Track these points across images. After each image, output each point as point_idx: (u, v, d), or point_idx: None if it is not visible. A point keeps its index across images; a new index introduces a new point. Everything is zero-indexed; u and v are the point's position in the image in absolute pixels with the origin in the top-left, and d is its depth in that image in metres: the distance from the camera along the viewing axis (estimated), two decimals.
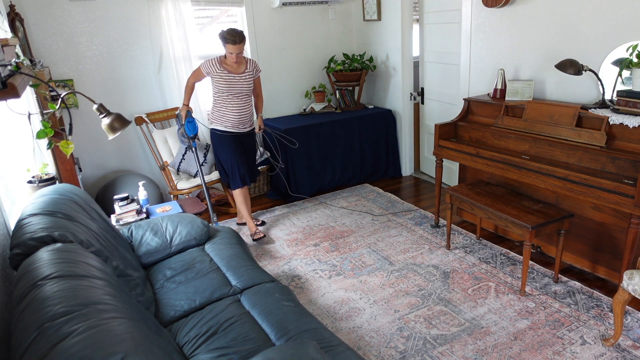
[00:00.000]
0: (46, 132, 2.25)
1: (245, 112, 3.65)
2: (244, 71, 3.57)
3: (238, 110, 3.60)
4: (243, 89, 3.57)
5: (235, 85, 3.54)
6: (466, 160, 3.37)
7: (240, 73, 3.55)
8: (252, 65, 3.62)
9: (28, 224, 1.86)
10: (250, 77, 3.60)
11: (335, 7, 5.03)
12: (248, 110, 3.67)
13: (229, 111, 3.59)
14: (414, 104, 4.88)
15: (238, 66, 3.56)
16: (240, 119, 3.63)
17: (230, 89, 3.53)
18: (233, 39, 3.36)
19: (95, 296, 1.43)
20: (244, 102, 3.61)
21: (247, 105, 3.65)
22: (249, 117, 3.69)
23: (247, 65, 3.60)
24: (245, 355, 1.76)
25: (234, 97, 3.57)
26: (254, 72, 3.63)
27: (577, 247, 3.02)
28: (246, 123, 3.69)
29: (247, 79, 3.58)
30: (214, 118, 3.65)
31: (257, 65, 3.67)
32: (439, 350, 2.38)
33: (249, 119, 3.70)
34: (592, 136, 2.72)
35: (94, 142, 4.10)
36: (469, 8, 3.71)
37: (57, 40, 3.81)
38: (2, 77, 1.53)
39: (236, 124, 3.63)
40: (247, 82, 3.58)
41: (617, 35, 2.78)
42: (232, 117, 3.60)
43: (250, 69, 3.61)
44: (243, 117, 3.64)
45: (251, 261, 2.61)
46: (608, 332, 2.43)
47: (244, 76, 3.56)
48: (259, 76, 3.71)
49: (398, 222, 3.92)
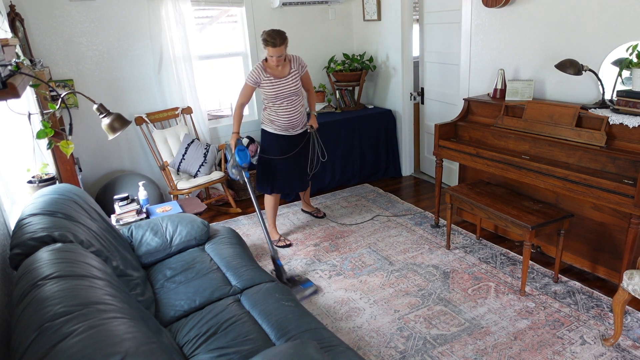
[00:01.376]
0: (46, 132, 2.25)
1: (296, 115, 3.49)
2: (289, 72, 3.38)
3: (288, 114, 3.45)
4: (290, 91, 3.40)
5: (282, 90, 3.37)
6: (466, 160, 3.37)
7: (286, 75, 3.37)
8: (296, 63, 3.42)
9: (28, 224, 1.86)
10: (297, 75, 3.42)
11: (335, 7, 5.03)
12: (299, 111, 3.51)
13: (279, 116, 3.45)
14: (414, 104, 4.87)
15: (282, 68, 3.37)
16: (291, 121, 3.49)
17: (278, 94, 3.37)
18: (273, 42, 3.18)
19: (95, 296, 1.43)
20: (294, 103, 3.45)
21: (297, 107, 3.49)
22: (300, 119, 3.53)
23: (292, 65, 3.40)
24: (245, 355, 1.76)
25: (284, 101, 3.41)
26: (299, 69, 3.43)
27: (577, 247, 3.02)
28: (297, 125, 3.54)
29: (293, 80, 3.40)
30: (265, 120, 3.54)
31: (301, 60, 3.47)
32: (439, 350, 2.38)
33: (300, 121, 3.54)
34: (592, 136, 2.72)
35: (94, 142, 4.10)
36: (469, 8, 3.71)
37: (57, 40, 3.81)
38: (2, 77, 1.53)
39: (286, 127, 3.50)
40: (294, 83, 3.40)
41: (617, 35, 2.78)
42: (283, 121, 3.47)
43: (295, 67, 3.41)
44: (294, 119, 3.49)
45: (251, 261, 2.61)
46: (608, 332, 2.43)
47: (289, 77, 3.38)
48: (307, 71, 3.52)
49: (398, 222, 3.92)
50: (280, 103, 3.42)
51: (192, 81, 4.35)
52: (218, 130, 4.78)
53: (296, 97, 3.46)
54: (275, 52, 3.22)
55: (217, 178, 4.14)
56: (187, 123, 4.44)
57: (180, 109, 4.36)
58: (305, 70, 3.51)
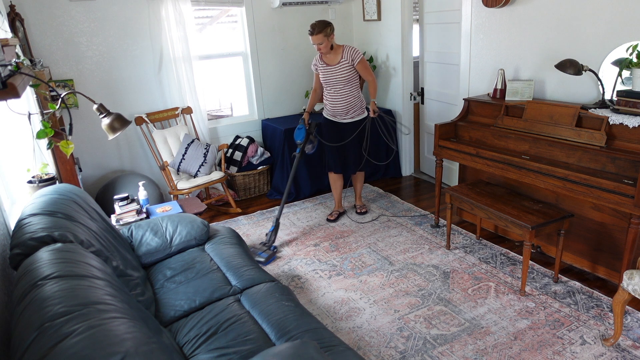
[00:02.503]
0: (46, 132, 2.25)
1: (342, 103, 3.69)
2: (339, 61, 3.58)
3: (333, 100, 3.71)
4: (337, 79, 3.61)
5: (329, 77, 3.63)
6: (466, 160, 3.37)
7: (335, 64, 3.59)
8: (348, 54, 3.57)
9: (28, 224, 1.86)
10: (346, 66, 3.58)
11: (335, 7, 5.04)
12: (343, 101, 3.69)
13: (327, 101, 3.77)
14: (414, 104, 4.88)
15: (334, 57, 3.59)
16: (335, 108, 3.73)
17: (325, 80, 3.67)
18: (311, 30, 3.44)
19: (95, 296, 1.43)
20: (339, 92, 3.66)
21: (342, 96, 3.67)
22: (344, 108, 3.72)
23: (343, 55, 3.57)
24: (245, 355, 1.76)
25: (330, 88, 3.68)
26: (349, 60, 3.57)
27: (577, 247, 3.02)
28: (342, 114, 3.74)
29: (342, 69, 3.58)
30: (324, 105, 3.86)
31: (354, 52, 3.58)
32: (439, 350, 2.38)
33: (345, 110, 3.73)
34: (592, 136, 2.72)
35: (94, 142, 4.10)
36: (469, 8, 3.71)
37: (57, 40, 3.81)
38: (2, 77, 1.53)
39: (332, 113, 3.78)
40: (341, 72, 3.58)
41: (617, 35, 2.78)
42: (329, 106, 3.78)
43: (346, 58, 3.57)
44: (337, 107, 3.72)
45: (251, 261, 2.61)
46: (608, 332, 2.43)
47: (338, 67, 3.58)
48: (361, 61, 3.60)
49: (398, 222, 3.92)
50: (329, 90, 3.71)
51: (192, 81, 4.35)
52: (218, 130, 4.78)
53: (344, 86, 3.65)
54: (313, 41, 3.48)
55: (217, 178, 4.14)
56: (187, 123, 4.44)
57: (180, 109, 4.37)
58: (359, 61, 3.60)
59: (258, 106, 4.91)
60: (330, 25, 3.47)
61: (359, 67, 3.61)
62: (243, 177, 4.59)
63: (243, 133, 4.85)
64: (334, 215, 4.05)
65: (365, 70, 3.66)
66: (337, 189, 4.07)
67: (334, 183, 4.05)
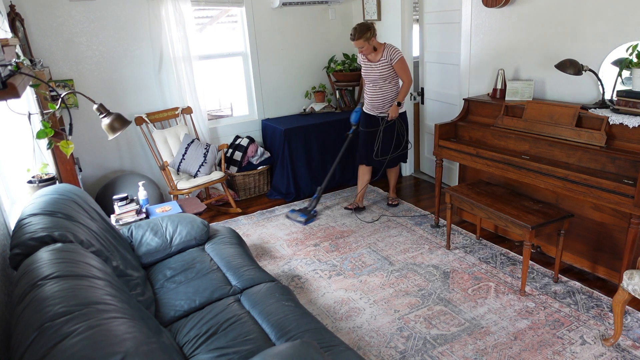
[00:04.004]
0: (46, 132, 2.25)
1: (376, 98, 3.88)
2: (379, 59, 3.75)
3: (370, 95, 3.93)
4: (375, 76, 3.80)
5: (369, 73, 3.84)
6: (466, 160, 3.37)
7: (376, 62, 3.77)
8: (387, 53, 3.73)
9: (28, 224, 1.86)
10: (385, 64, 3.74)
11: (335, 7, 5.04)
12: (379, 97, 3.87)
13: (366, 94, 3.97)
14: (414, 104, 4.87)
15: (375, 55, 3.77)
16: (371, 102, 3.94)
17: (366, 75, 3.88)
18: (352, 36, 3.66)
19: (95, 296, 1.43)
20: (376, 88, 3.85)
21: (377, 92, 3.86)
22: (379, 104, 3.89)
23: (383, 53, 3.73)
24: (245, 355, 1.76)
25: (369, 83, 3.89)
26: (388, 59, 3.73)
27: (577, 247, 3.02)
28: (377, 108, 3.92)
29: (381, 67, 3.75)
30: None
31: (393, 52, 3.73)
32: (439, 350, 2.38)
33: (380, 105, 3.90)
34: (592, 136, 2.72)
35: (94, 142, 4.10)
36: (469, 8, 3.71)
37: (57, 40, 3.81)
38: (2, 77, 1.53)
39: (368, 107, 3.98)
40: (379, 70, 3.76)
41: (617, 35, 2.78)
42: (366, 100, 3.99)
43: (385, 57, 3.73)
44: (373, 102, 3.92)
45: (251, 261, 2.61)
46: (608, 332, 2.43)
47: (378, 64, 3.76)
48: (399, 61, 3.73)
49: (398, 222, 3.92)
50: (368, 84, 3.92)
51: (192, 81, 4.35)
52: (218, 130, 4.78)
53: (382, 82, 3.82)
54: (355, 45, 3.70)
55: (217, 178, 4.14)
56: (187, 123, 4.44)
57: (180, 109, 4.37)
58: (398, 60, 3.74)
59: (258, 106, 4.91)
60: (370, 29, 3.64)
61: (396, 66, 3.75)
62: (243, 177, 4.59)
63: (243, 133, 4.85)
64: (353, 205, 4.21)
65: (401, 70, 3.78)
66: (361, 183, 4.21)
67: (361, 177, 4.21)
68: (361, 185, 4.21)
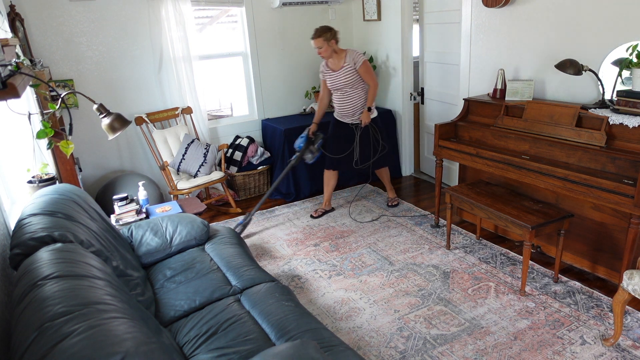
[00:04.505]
0: (46, 132, 2.25)
1: (347, 106, 3.82)
2: (342, 66, 3.69)
3: (339, 103, 3.86)
4: (342, 84, 3.74)
5: (335, 82, 3.77)
6: (466, 160, 3.37)
7: (339, 69, 3.70)
8: (351, 58, 3.67)
9: (28, 224, 1.86)
10: (350, 70, 3.68)
11: (335, 7, 5.04)
12: (348, 104, 3.81)
13: (335, 104, 3.91)
14: (414, 104, 4.88)
15: (337, 62, 3.71)
16: (341, 110, 3.88)
17: (332, 85, 3.80)
18: (312, 35, 3.59)
19: (95, 296, 1.43)
20: (345, 95, 3.79)
21: (347, 100, 3.80)
22: (350, 111, 3.84)
23: (346, 59, 3.68)
24: (245, 355, 1.76)
25: (337, 92, 3.83)
26: (352, 64, 3.67)
27: (577, 247, 3.02)
28: (347, 116, 3.87)
29: (345, 74, 3.69)
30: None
31: (356, 56, 3.68)
32: (439, 350, 2.38)
33: (350, 113, 3.85)
34: (592, 136, 2.72)
35: (94, 142, 4.10)
36: (469, 8, 3.71)
37: (57, 40, 3.81)
38: (2, 77, 1.53)
39: (339, 115, 3.93)
40: (344, 76, 3.70)
41: (617, 35, 2.78)
42: (336, 108, 3.94)
43: (349, 62, 3.67)
44: (343, 109, 3.85)
45: (251, 261, 2.61)
46: (608, 332, 2.43)
47: (342, 71, 3.69)
48: (363, 64, 3.68)
49: (398, 222, 3.92)
50: (335, 93, 3.85)
51: (192, 81, 4.35)
52: (218, 130, 4.78)
53: (349, 89, 3.76)
54: (314, 44, 3.62)
55: (217, 178, 4.14)
56: (187, 123, 4.44)
57: (180, 109, 4.37)
58: (362, 64, 3.68)
59: (258, 106, 4.91)
60: (331, 30, 3.58)
61: (361, 70, 3.70)
62: (243, 177, 4.59)
63: (243, 133, 4.85)
64: (318, 213, 4.11)
65: (366, 74, 3.73)
66: (330, 187, 4.15)
67: (328, 181, 4.13)
68: (328, 191, 4.14)
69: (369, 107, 3.78)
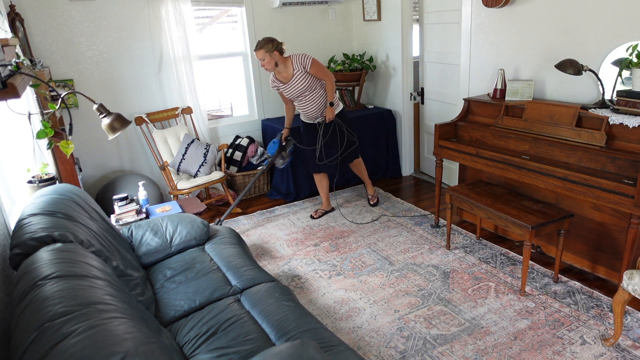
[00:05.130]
0: (46, 132, 2.25)
1: (312, 108, 3.76)
2: (292, 75, 3.59)
3: (304, 108, 3.78)
4: (298, 91, 3.66)
5: (291, 91, 3.67)
6: (466, 161, 3.37)
7: (290, 78, 3.60)
8: (298, 63, 3.57)
9: (28, 224, 1.86)
10: (301, 75, 3.59)
11: (335, 7, 5.04)
12: (313, 106, 3.75)
13: (300, 109, 3.84)
14: (414, 104, 4.87)
15: (285, 71, 3.59)
16: (308, 114, 3.82)
17: (289, 95, 3.72)
18: (255, 46, 3.47)
19: (95, 296, 1.43)
20: (307, 99, 3.71)
21: (311, 102, 3.73)
22: (316, 112, 3.78)
23: (294, 65, 3.58)
24: (245, 355, 1.76)
25: (297, 99, 3.75)
26: (301, 68, 3.58)
27: (577, 247, 3.02)
28: (316, 116, 3.82)
29: (299, 80, 3.61)
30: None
31: (303, 59, 3.56)
32: (439, 350, 2.38)
33: (318, 114, 3.80)
34: (592, 136, 2.72)
35: (94, 142, 4.10)
36: (469, 8, 3.71)
37: (57, 40, 3.82)
38: (2, 77, 1.53)
39: (306, 118, 3.89)
40: (300, 83, 3.61)
41: (617, 35, 2.78)
42: (302, 114, 3.88)
43: (297, 67, 3.57)
44: (310, 112, 3.79)
45: (251, 261, 2.61)
46: (608, 332, 2.43)
47: (294, 79, 3.61)
48: (312, 65, 3.57)
49: (398, 222, 3.92)
50: (295, 100, 3.77)
51: (192, 81, 4.35)
52: (218, 130, 4.78)
53: (308, 93, 3.68)
54: (257, 56, 3.50)
55: (217, 178, 4.14)
56: (187, 123, 4.44)
57: (180, 109, 4.37)
58: (311, 64, 3.59)
59: (258, 106, 4.91)
60: (273, 41, 3.46)
61: (313, 71, 3.60)
62: (243, 177, 4.59)
63: (243, 133, 4.85)
64: (318, 214, 4.10)
65: (319, 72, 3.63)
66: (323, 188, 4.12)
67: (319, 183, 4.11)
68: (322, 193, 4.13)
69: (331, 103, 3.70)
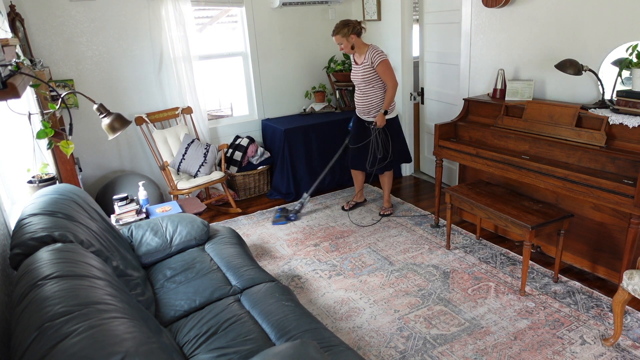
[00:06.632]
0: (46, 132, 2.25)
1: (361, 102, 3.80)
2: (362, 62, 3.66)
3: (357, 98, 3.83)
4: (359, 79, 3.72)
5: (354, 75, 3.77)
6: (466, 160, 3.37)
7: (359, 64, 3.69)
8: (369, 55, 3.61)
9: (28, 224, 1.86)
10: (368, 67, 3.63)
11: (335, 7, 5.04)
12: (364, 101, 3.77)
13: (355, 97, 3.86)
14: (414, 104, 4.87)
15: (359, 56, 3.68)
16: (358, 106, 3.85)
17: (352, 78, 3.82)
18: (332, 30, 3.60)
19: (95, 296, 1.43)
20: (361, 91, 3.76)
21: (362, 96, 3.77)
22: (365, 108, 3.80)
23: (366, 56, 3.62)
24: (245, 355, 1.76)
25: (356, 86, 3.81)
26: (370, 62, 3.61)
27: (577, 247, 3.03)
28: (365, 113, 3.83)
29: (362, 70, 3.66)
30: None
31: (374, 54, 3.58)
32: (439, 350, 2.38)
33: (366, 110, 3.80)
34: (592, 136, 2.72)
35: (94, 142, 4.10)
36: (468, 8, 3.71)
37: (57, 40, 3.82)
38: (3, 77, 1.53)
39: (358, 110, 3.90)
40: (362, 72, 3.66)
41: (617, 35, 2.78)
42: (355, 103, 3.89)
43: (367, 59, 3.62)
44: (360, 105, 3.82)
45: (251, 261, 2.61)
46: (608, 332, 2.43)
47: (361, 66, 3.66)
48: (381, 64, 3.58)
49: (398, 222, 3.92)
50: (356, 87, 3.82)
51: (192, 81, 4.35)
52: (218, 130, 4.78)
53: (364, 86, 3.73)
54: (335, 41, 3.64)
55: (217, 178, 4.14)
56: (187, 123, 4.44)
57: (180, 109, 4.37)
58: (379, 63, 3.60)
59: (258, 106, 4.91)
60: (348, 26, 3.55)
61: (379, 69, 3.62)
62: (243, 177, 4.59)
63: (243, 133, 4.85)
64: (349, 205, 4.22)
65: (384, 74, 3.63)
66: (357, 182, 4.22)
67: (355, 177, 4.21)
68: (357, 185, 4.23)
69: (385, 111, 3.67)
